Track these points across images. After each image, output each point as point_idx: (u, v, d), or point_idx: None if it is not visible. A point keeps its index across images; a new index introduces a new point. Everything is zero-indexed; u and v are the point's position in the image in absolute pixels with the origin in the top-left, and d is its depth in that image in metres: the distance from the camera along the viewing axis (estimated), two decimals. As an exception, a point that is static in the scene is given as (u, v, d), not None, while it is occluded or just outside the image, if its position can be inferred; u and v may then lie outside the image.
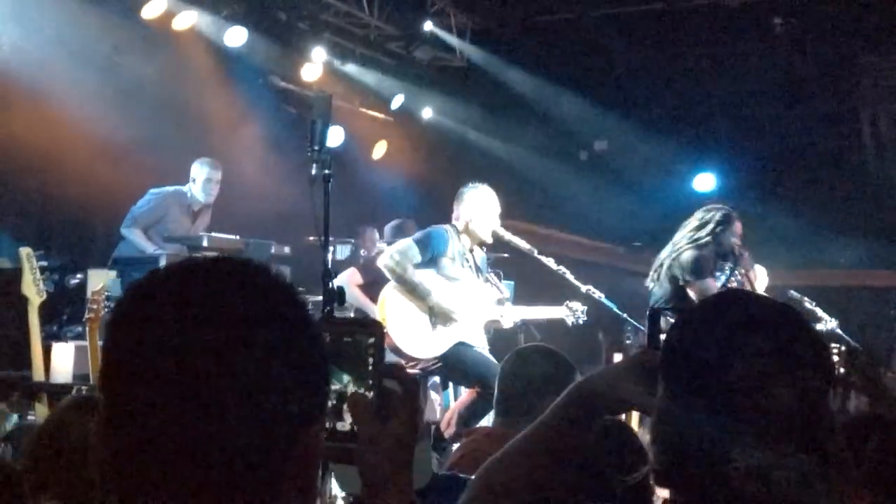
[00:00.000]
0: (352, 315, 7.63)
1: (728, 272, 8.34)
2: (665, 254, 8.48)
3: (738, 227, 8.40)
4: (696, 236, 8.29)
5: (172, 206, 9.18)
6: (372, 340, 1.68)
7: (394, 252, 7.42)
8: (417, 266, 7.35)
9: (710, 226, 8.30)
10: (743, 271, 8.30)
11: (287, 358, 1.34)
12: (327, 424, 1.62)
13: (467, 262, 7.59)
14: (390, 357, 6.35)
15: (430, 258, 7.36)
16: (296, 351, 1.36)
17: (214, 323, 1.30)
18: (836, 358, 3.58)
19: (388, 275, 7.28)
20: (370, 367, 1.67)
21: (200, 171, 9.27)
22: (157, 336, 1.30)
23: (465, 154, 13.40)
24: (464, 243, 7.59)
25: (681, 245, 8.30)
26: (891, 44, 12.10)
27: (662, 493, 2.44)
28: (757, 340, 1.72)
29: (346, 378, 1.65)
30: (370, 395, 1.65)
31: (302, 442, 1.37)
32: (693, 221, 8.47)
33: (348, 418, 1.65)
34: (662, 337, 1.94)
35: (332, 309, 5.10)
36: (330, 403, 1.62)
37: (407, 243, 7.46)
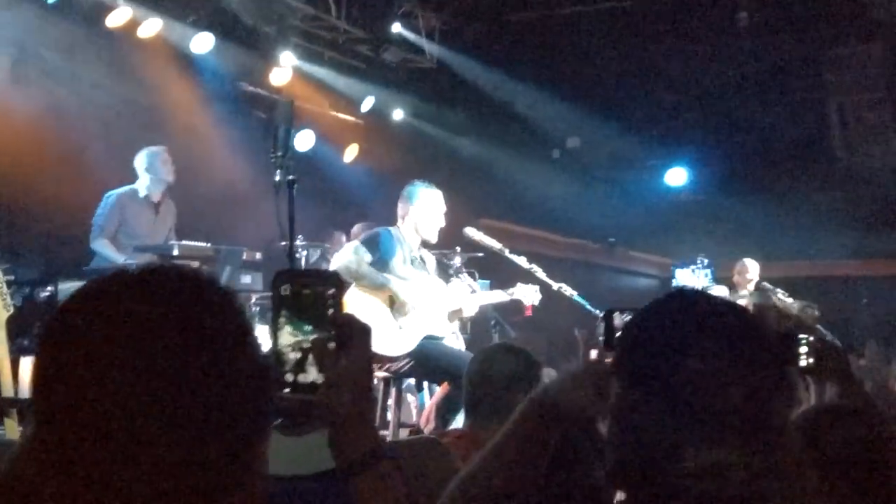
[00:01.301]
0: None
1: None
2: None
3: None
4: None
5: (129, 204, 9.04)
6: (332, 291, 1.68)
7: (346, 253, 7.43)
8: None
9: None
10: None
11: (225, 371, 1.31)
12: (289, 377, 1.63)
13: (416, 260, 7.60)
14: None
15: (379, 259, 7.35)
16: (235, 362, 1.33)
17: (144, 337, 1.27)
18: (805, 349, 3.59)
19: (344, 275, 7.23)
20: (329, 317, 1.68)
21: (154, 157, 9.08)
22: (86, 352, 1.26)
23: (437, 155, 13.42)
24: (411, 243, 7.58)
25: None
26: (855, 36, 12.19)
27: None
28: (708, 340, 1.74)
29: (307, 328, 1.66)
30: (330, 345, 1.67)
31: (247, 457, 1.34)
32: None
33: (310, 371, 1.66)
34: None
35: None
36: (293, 356, 1.64)
37: (355, 244, 7.47)
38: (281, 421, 1.62)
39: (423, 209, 7.57)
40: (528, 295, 8.11)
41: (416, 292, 7.36)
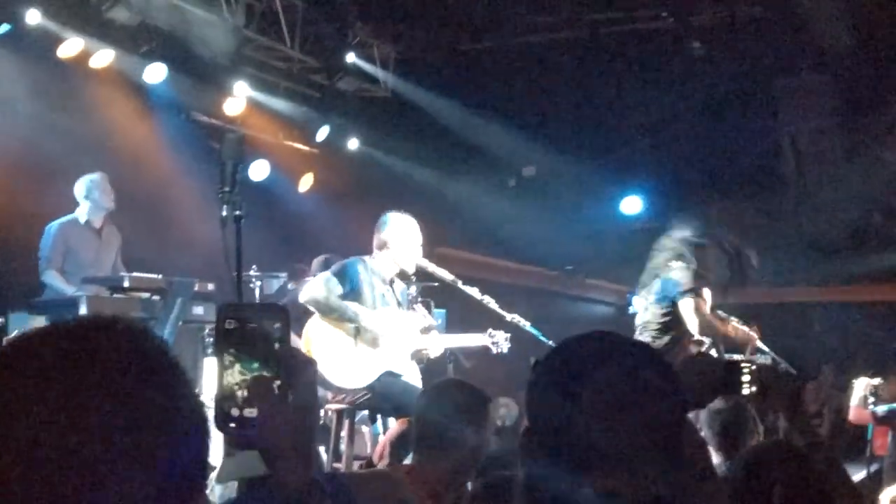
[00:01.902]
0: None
1: None
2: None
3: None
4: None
5: (71, 235, 9.02)
6: (278, 325, 1.68)
7: (315, 285, 7.36)
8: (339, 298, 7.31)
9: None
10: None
11: (158, 428, 1.29)
12: (235, 412, 1.63)
13: (388, 292, 7.54)
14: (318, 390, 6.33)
15: (350, 290, 7.30)
16: (169, 419, 1.31)
17: (72, 396, 1.25)
18: (748, 377, 3.60)
19: (312, 308, 7.20)
20: (275, 352, 1.67)
21: (93, 185, 9.09)
22: (7, 409, 1.24)
23: (393, 184, 13.41)
24: (384, 274, 7.53)
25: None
26: (805, 65, 12.33)
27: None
28: (604, 373, 1.79)
29: (254, 365, 1.65)
30: (275, 383, 1.66)
31: None
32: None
33: (255, 407, 1.66)
34: None
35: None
36: (239, 392, 1.63)
37: (326, 276, 7.40)
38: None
39: (398, 239, 7.52)
40: (500, 343, 8.07)
41: (386, 325, 7.32)
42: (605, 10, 12.10)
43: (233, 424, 1.64)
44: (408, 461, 6.42)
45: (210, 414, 1.47)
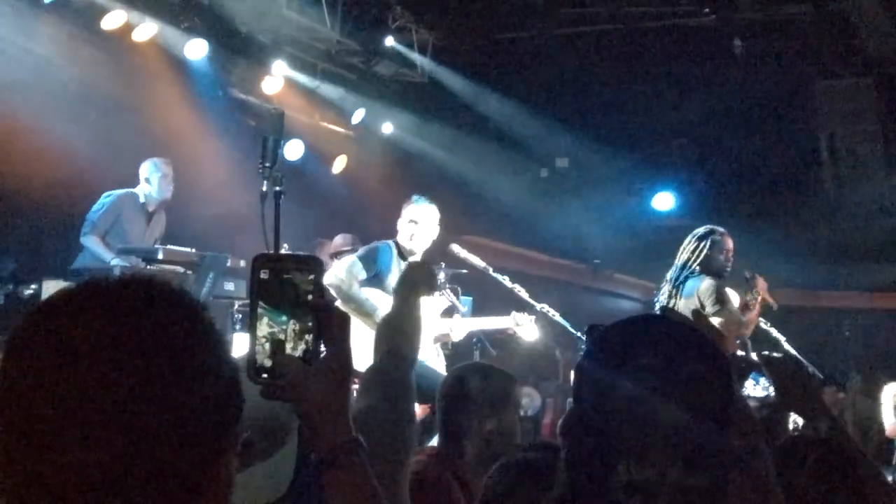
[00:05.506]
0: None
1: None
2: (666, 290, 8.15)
3: (727, 243, 8.11)
4: (690, 265, 7.96)
5: (127, 208, 9.09)
6: (311, 277, 1.67)
7: (338, 269, 7.37)
8: (363, 283, 7.32)
9: (698, 251, 8.02)
10: (758, 295, 8.00)
11: (191, 383, 1.31)
12: (267, 363, 1.64)
13: None
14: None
15: (375, 274, 7.32)
16: (201, 374, 1.33)
17: (112, 352, 1.27)
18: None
19: (333, 292, 7.23)
20: (309, 304, 1.67)
21: (155, 170, 9.18)
22: (54, 365, 1.26)
23: (425, 170, 13.41)
24: (407, 254, 7.56)
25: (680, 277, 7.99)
26: (848, 68, 12.23)
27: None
28: (645, 360, 1.75)
29: (283, 318, 1.66)
30: (307, 336, 1.67)
31: (213, 471, 1.34)
32: (684, 252, 8.05)
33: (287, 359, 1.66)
34: None
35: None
36: (269, 345, 1.64)
37: (351, 260, 7.42)
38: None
39: (424, 219, 7.57)
40: (527, 331, 8.05)
41: None
42: (646, 3, 12.03)
43: (264, 375, 1.65)
44: (433, 444, 6.44)
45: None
